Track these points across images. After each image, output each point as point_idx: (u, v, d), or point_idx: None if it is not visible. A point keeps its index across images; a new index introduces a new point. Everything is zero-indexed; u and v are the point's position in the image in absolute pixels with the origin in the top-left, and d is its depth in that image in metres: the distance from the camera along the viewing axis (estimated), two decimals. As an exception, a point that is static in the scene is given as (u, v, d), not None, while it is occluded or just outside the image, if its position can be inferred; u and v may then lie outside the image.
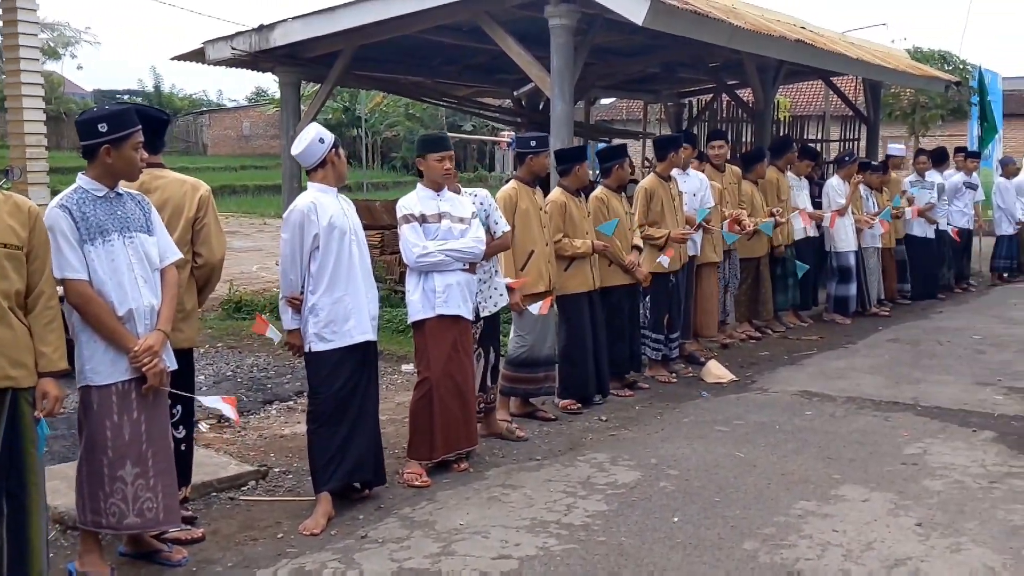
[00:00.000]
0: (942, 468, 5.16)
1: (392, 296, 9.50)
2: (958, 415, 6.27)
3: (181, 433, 4.19)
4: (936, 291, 11.35)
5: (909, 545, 4.13)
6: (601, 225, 6.56)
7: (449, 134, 5.95)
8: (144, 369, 3.69)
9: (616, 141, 13.62)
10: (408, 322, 5.27)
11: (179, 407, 4.12)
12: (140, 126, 3.77)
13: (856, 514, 4.49)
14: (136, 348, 3.67)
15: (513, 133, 14.50)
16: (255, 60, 10.03)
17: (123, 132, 3.69)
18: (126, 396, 3.72)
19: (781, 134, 14.29)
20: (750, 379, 7.36)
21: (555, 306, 6.25)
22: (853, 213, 9.84)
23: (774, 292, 9.24)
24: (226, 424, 6.03)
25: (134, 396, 3.73)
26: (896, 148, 11.71)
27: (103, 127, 3.67)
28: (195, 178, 4.29)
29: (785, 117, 16.44)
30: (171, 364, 3.86)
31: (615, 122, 29.56)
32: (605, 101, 29.09)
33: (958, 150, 12.46)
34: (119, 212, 3.73)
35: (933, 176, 11.52)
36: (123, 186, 3.82)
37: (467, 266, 5.17)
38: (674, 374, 7.47)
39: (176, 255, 3.92)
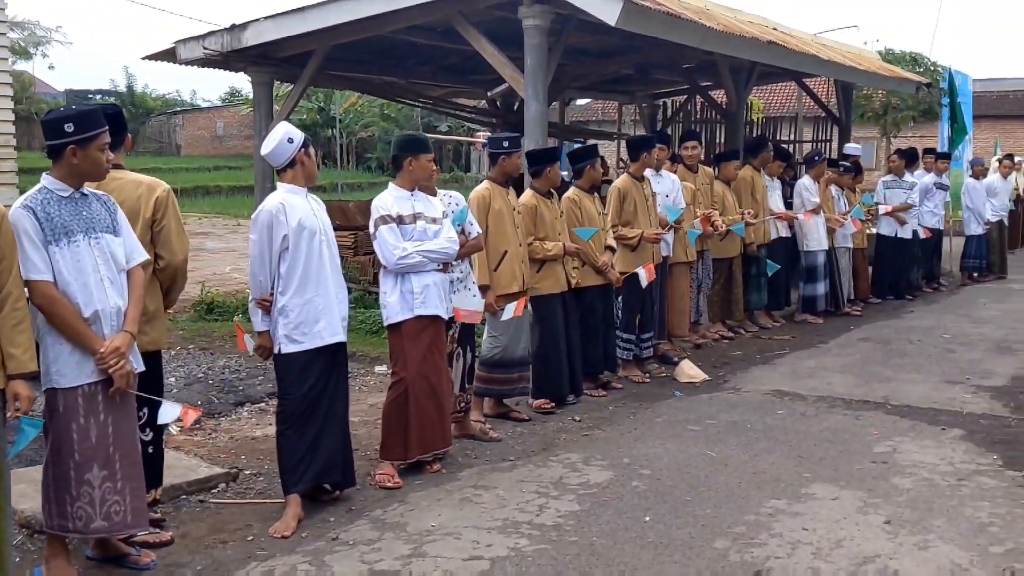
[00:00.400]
0: (911, 466, 5.21)
1: (366, 297, 9.47)
2: (927, 413, 6.33)
3: (148, 436, 4.14)
4: (905, 291, 11.45)
5: (878, 543, 4.16)
6: (579, 229, 6.57)
7: (425, 135, 5.92)
8: (111, 371, 3.65)
9: (590, 141, 13.67)
10: (384, 324, 5.22)
11: (145, 409, 4.06)
12: (107, 127, 3.74)
13: (826, 512, 4.52)
14: (102, 349, 3.63)
15: (489, 134, 14.50)
16: (227, 60, 9.96)
17: (90, 133, 3.65)
18: (92, 398, 3.68)
19: (754, 135, 14.40)
20: (723, 379, 7.39)
21: (529, 307, 6.25)
22: (824, 212, 9.91)
23: (749, 292, 9.30)
24: (196, 426, 5.99)
25: (100, 398, 3.69)
26: (853, 148, 11.80)
27: (69, 127, 3.62)
28: (154, 178, 4.20)
29: (758, 118, 16.56)
30: (138, 366, 3.83)
31: (590, 123, 29.65)
32: (580, 102, 29.16)
33: (927, 151, 12.57)
34: (84, 213, 3.69)
35: (910, 176, 11.61)
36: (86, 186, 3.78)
37: (440, 266, 5.16)
38: (647, 374, 7.49)
39: (143, 256, 3.88)
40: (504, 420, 6.15)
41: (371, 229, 5.14)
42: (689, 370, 7.43)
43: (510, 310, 5.93)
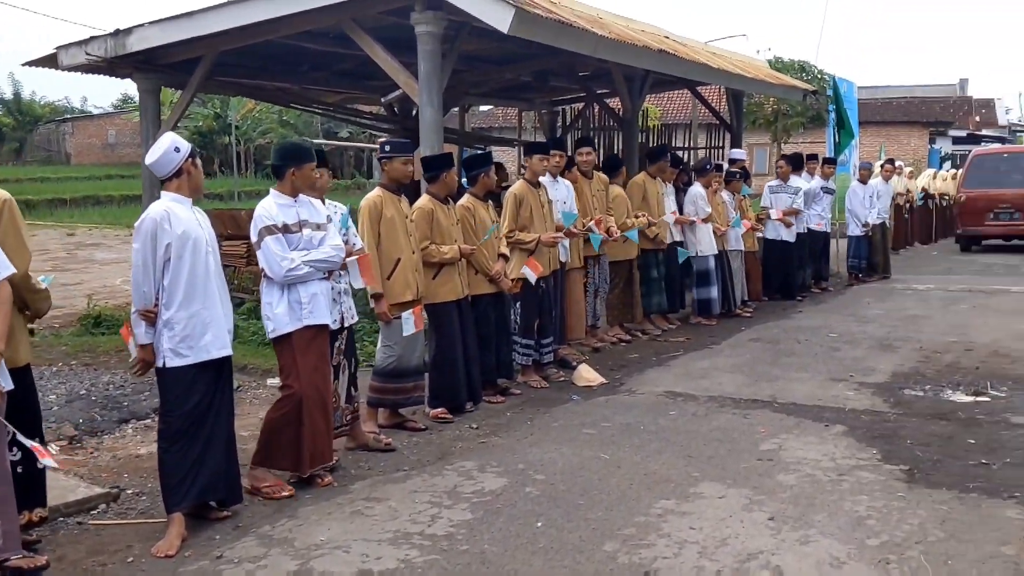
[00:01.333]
0: (795, 463, 5.36)
1: (258, 308, 9.26)
2: (812, 411, 6.52)
3: (16, 455, 3.96)
4: (794, 292, 11.81)
5: (762, 539, 4.26)
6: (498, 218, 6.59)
7: (326, 141, 5.84)
8: (-25, 391, 3.49)
9: (490, 148, 13.73)
10: (270, 336, 5.11)
11: (10, 428, 3.88)
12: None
13: (713, 511, 4.61)
14: (-34, 369, 3.47)
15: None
16: (111, 66, 9.65)
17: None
18: (-43, 420, 3.51)
19: (650, 142, 14.68)
20: (619, 381, 7.49)
21: (424, 315, 6.21)
22: (713, 223, 10.15)
23: (651, 294, 9.45)
24: (78, 445, 5.77)
25: (-34, 420, 3.53)
26: (738, 152, 12.13)
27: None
28: None
29: (655, 125, 16.89)
30: (6, 384, 3.67)
31: (492, 129, 29.73)
32: (482, 108, 29.23)
33: (810, 157, 12.91)
34: (-58, 226, 3.52)
35: (796, 181, 11.96)
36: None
37: (326, 274, 5.10)
38: (547, 379, 7.52)
39: (8, 270, 3.71)
40: (399, 430, 6.09)
41: (254, 238, 5.04)
42: (587, 374, 7.50)
43: (410, 325, 5.88)
